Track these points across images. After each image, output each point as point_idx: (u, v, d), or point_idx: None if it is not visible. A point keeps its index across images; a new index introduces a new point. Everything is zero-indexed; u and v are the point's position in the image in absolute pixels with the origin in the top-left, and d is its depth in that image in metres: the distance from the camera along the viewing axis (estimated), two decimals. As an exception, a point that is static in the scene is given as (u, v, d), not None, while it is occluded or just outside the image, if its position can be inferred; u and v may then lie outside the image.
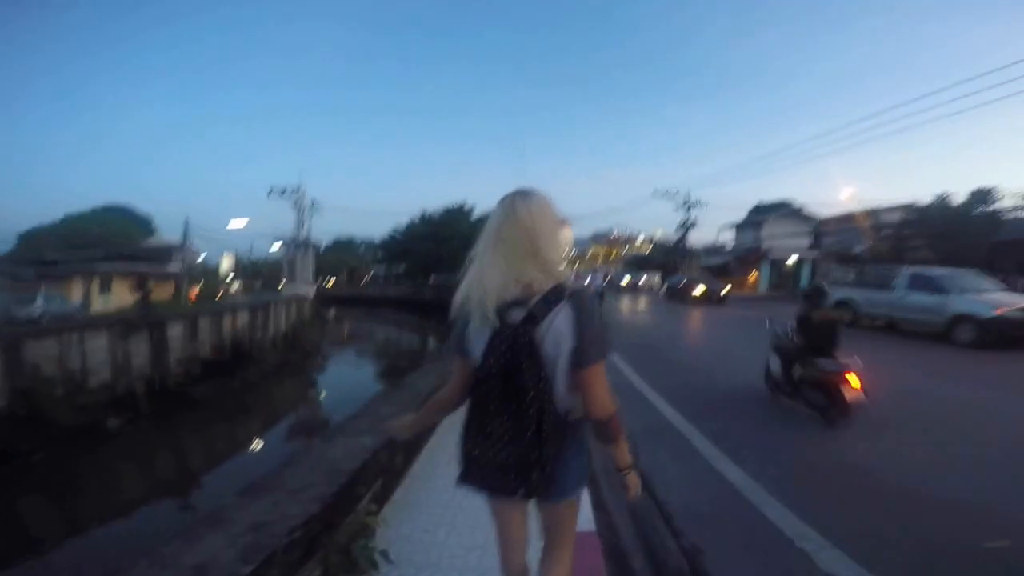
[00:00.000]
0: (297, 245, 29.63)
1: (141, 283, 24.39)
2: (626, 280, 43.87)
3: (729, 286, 25.37)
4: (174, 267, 31.17)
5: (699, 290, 24.58)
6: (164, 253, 35.32)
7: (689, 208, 35.64)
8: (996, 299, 10.09)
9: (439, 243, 38.43)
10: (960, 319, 10.02)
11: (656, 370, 7.46)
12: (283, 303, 24.32)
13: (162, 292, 27.45)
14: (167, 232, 40.46)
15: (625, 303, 24.66)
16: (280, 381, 18.49)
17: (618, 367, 7.50)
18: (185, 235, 34.77)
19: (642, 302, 25.98)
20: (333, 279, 67.22)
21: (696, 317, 17.32)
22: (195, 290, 29.83)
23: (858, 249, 27.41)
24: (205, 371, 15.50)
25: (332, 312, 45.76)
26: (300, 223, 29.62)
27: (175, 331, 14.84)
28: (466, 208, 42.08)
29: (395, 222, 44.88)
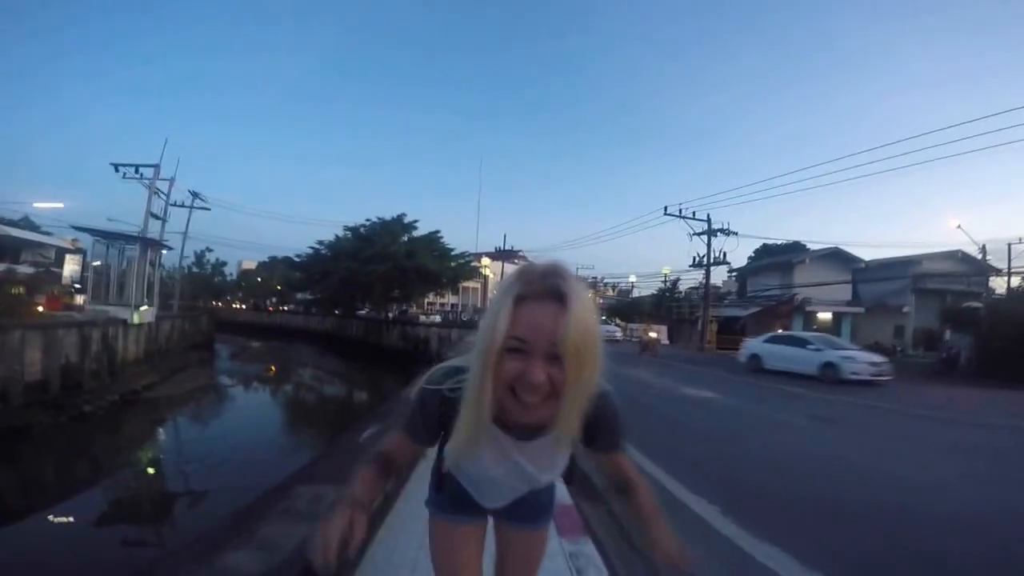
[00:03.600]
0: (143, 243, 19.72)
1: None
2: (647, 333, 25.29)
3: None
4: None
5: None
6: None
7: (711, 235, 24.52)
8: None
9: (364, 263, 28.66)
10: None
11: None
12: (58, 330, 14.19)
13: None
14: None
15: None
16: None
17: None
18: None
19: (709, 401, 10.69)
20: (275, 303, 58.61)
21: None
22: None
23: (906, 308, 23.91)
24: None
25: (255, 345, 35.52)
26: (149, 215, 19.94)
27: None
28: (407, 221, 32.13)
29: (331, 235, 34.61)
